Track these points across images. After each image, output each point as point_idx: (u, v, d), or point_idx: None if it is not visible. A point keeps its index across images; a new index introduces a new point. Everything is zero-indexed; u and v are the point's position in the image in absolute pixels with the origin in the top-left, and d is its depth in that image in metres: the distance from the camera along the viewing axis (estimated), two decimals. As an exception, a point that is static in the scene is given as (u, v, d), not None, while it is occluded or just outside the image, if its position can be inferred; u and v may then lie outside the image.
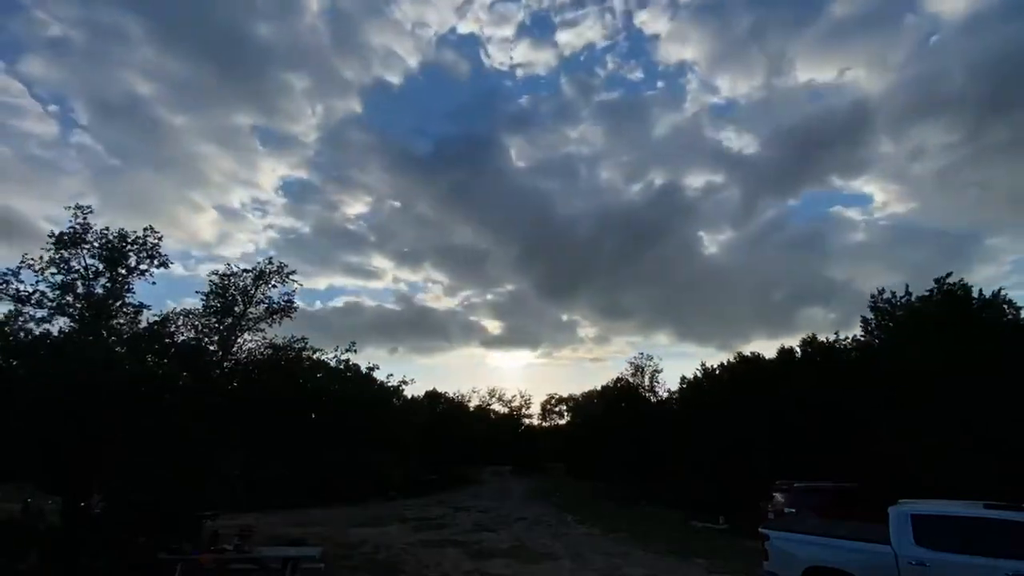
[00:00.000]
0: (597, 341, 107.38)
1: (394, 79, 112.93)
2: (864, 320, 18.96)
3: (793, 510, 13.54)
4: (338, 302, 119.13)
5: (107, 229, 11.02)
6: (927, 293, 16.63)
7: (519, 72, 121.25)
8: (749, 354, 24.84)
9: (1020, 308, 15.43)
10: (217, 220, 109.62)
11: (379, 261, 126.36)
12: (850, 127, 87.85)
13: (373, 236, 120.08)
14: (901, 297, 17.79)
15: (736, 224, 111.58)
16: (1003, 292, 15.70)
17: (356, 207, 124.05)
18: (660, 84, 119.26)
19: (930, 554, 6.01)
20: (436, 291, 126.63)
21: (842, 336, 20.66)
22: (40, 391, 8.99)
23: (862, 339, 19.26)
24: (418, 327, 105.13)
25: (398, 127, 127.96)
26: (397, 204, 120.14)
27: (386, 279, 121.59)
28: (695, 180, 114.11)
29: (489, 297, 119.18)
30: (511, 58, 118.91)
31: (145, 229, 11.36)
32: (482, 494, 30.55)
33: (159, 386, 10.50)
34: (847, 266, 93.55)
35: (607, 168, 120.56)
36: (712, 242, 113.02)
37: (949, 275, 16.26)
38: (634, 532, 16.14)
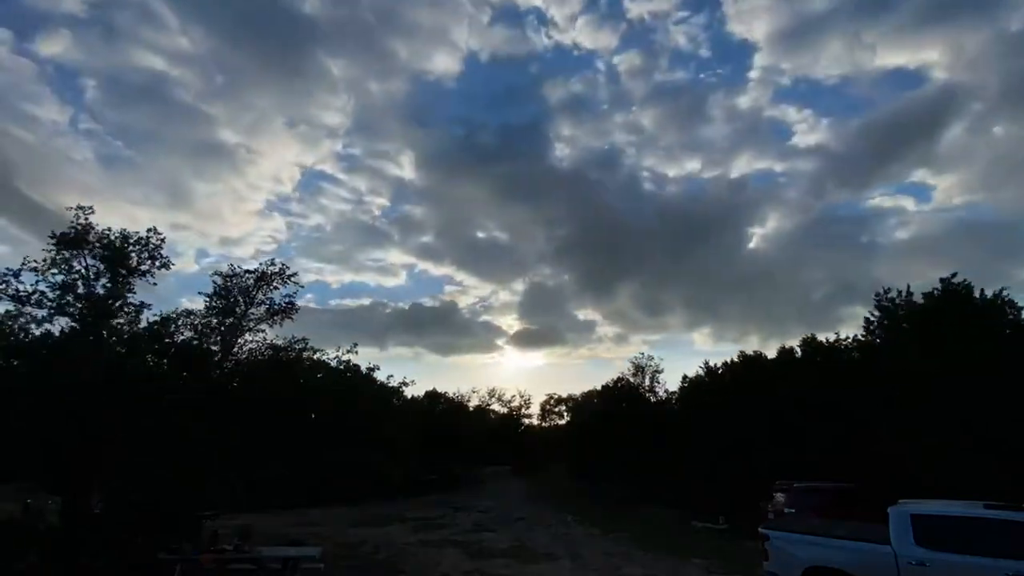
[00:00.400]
0: (616, 341, 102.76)
1: (438, 64, 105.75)
2: (866, 320, 18.97)
3: (793, 510, 13.55)
4: (359, 299, 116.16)
5: (109, 230, 11.04)
6: (929, 292, 16.63)
7: (575, 53, 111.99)
8: (751, 353, 24.89)
9: (1021, 308, 15.42)
10: (240, 214, 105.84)
11: (403, 257, 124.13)
12: (925, 117, 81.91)
13: (398, 232, 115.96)
14: (903, 297, 17.79)
15: (790, 217, 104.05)
16: (1005, 293, 15.71)
17: (384, 201, 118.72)
18: (724, 67, 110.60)
19: (930, 554, 6.01)
20: (459, 289, 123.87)
21: (843, 336, 20.73)
22: (40, 391, 9.00)
23: (863, 339, 19.26)
24: (439, 325, 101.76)
25: (434, 116, 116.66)
26: (427, 199, 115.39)
27: (410, 276, 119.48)
28: (748, 170, 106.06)
29: (513, 296, 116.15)
30: (564, 39, 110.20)
31: (148, 230, 11.39)
32: (482, 494, 30.56)
33: (159, 386, 10.51)
34: (903, 261, 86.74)
35: (654, 158, 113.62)
36: (761, 237, 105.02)
37: (954, 275, 16.26)
38: (634, 532, 16.15)
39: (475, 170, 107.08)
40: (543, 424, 56.89)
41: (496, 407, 54.86)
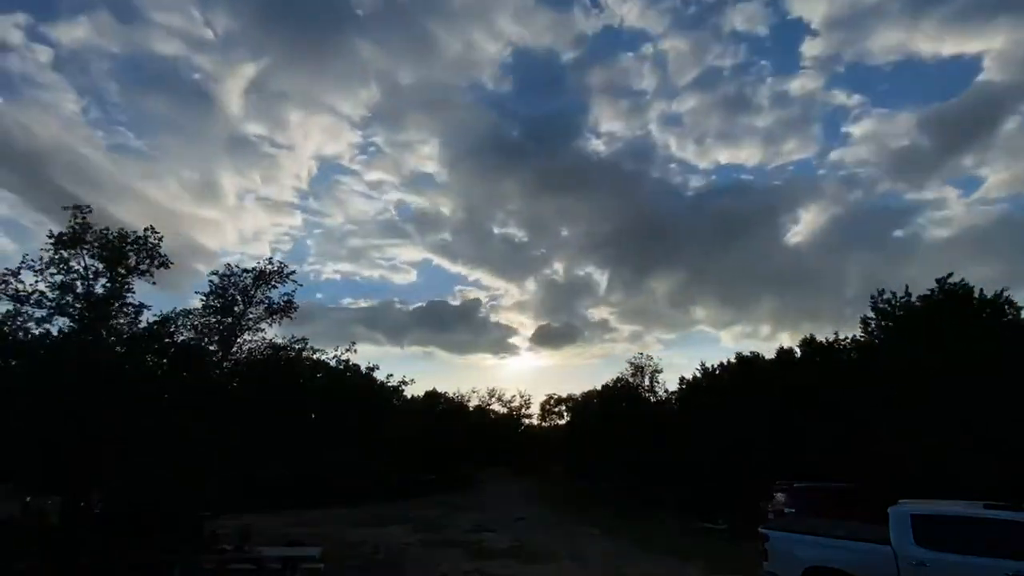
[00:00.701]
0: (632, 339, 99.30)
1: (474, 52, 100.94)
2: (864, 320, 18.97)
3: (793, 510, 13.54)
4: (376, 297, 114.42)
5: (107, 229, 11.02)
6: (927, 293, 16.65)
7: (622, 36, 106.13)
8: (747, 354, 24.91)
9: (1021, 308, 15.43)
10: (260, 210, 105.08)
11: (420, 254, 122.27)
12: (981, 110, 77.26)
13: (414, 228, 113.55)
14: (901, 297, 17.80)
15: (832, 211, 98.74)
16: (1005, 292, 15.73)
17: (400, 196, 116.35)
18: (775, 53, 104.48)
19: (930, 554, 6.00)
20: (476, 287, 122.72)
21: (842, 336, 20.74)
22: (40, 391, 8.99)
23: (862, 339, 19.26)
24: (455, 323, 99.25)
25: (464, 105, 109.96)
26: (450, 193, 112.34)
27: (426, 272, 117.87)
28: (792, 160, 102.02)
29: (529, 295, 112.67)
30: (612, 22, 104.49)
31: (145, 229, 11.37)
32: (482, 494, 30.56)
33: (159, 386, 10.51)
34: (948, 256, 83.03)
35: (692, 149, 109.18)
36: (801, 232, 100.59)
37: (950, 275, 16.30)
38: (633, 532, 16.15)
39: (502, 162, 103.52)
40: (543, 424, 56.90)
41: (496, 407, 54.93)
